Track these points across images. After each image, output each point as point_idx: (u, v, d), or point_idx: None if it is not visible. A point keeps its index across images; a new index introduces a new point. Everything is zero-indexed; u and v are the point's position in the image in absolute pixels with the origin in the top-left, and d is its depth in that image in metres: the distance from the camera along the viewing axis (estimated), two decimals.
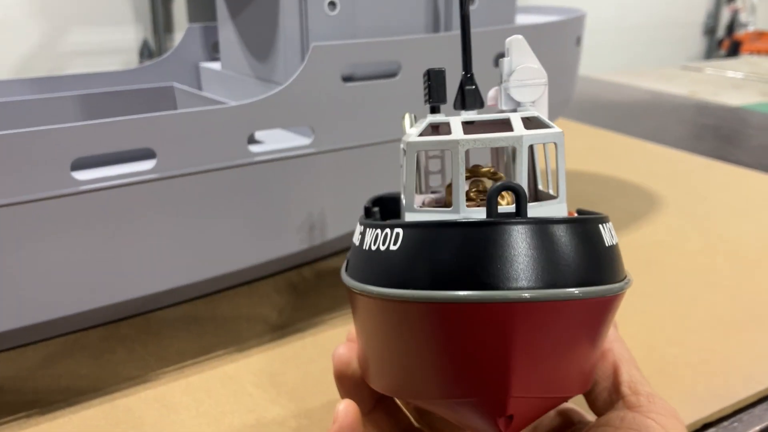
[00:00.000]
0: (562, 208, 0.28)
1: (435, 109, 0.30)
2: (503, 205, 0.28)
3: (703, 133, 1.08)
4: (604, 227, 0.25)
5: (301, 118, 0.48)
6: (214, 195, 0.45)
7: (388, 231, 0.25)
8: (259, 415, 0.40)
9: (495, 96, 0.31)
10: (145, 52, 1.95)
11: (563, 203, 0.28)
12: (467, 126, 0.28)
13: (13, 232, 0.39)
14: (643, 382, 0.28)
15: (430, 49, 0.52)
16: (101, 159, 0.43)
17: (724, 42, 2.98)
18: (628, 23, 2.84)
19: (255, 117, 0.45)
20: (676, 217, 0.69)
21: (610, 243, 0.25)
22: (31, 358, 0.45)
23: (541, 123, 0.28)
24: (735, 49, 2.75)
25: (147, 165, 0.42)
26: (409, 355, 0.25)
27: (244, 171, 0.46)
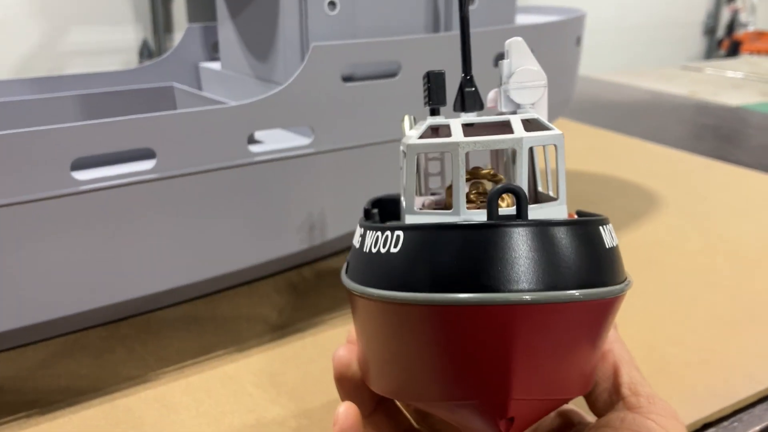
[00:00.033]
0: (563, 210, 0.28)
1: (435, 111, 0.30)
2: (503, 207, 0.28)
3: (703, 133, 1.08)
4: (605, 229, 0.25)
5: (301, 118, 0.48)
6: (214, 195, 0.45)
7: (388, 233, 0.25)
8: (259, 415, 0.40)
9: (494, 98, 0.31)
10: (145, 52, 1.95)
11: (563, 205, 0.28)
12: (467, 128, 0.28)
13: (13, 232, 0.39)
14: (643, 383, 0.28)
15: (430, 49, 0.52)
16: (101, 159, 0.43)
17: (724, 42, 2.98)
18: (628, 23, 2.84)
19: (255, 117, 0.45)
20: (676, 217, 0.69)
21: (611, 245, 0.25)
22: (31, 358, 0.45)
23: (541, 125, 0.28)
24: (735, 49, 2.74)
25: (147, 165, 0.42)
26: (409, 357, 0.25)
27: (244, 171, 0.46)
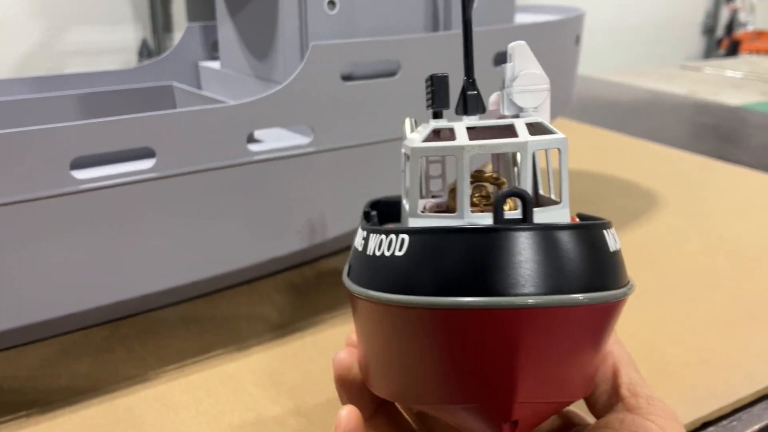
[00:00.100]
0: (565, 214, 0.28)
1: (438, 114, 0.30)
2: (506, 210, 0.28)
3: (702, 133, 1.08)
4: (608, 233, 0.25)
5: (301, 117, 0.48)
6: (214, 194, 0.45)
7: (393, 237, 0.25)
8: (258, 414, 0.40)
9: (497, 101, 0.31)
10: (145, 52, 1.95)
11: (566, 208, 0.28)
12: (470, 131, 0.28)
13: (13, 231, 0.39)
14: (643, 385, 0.28)
15: (430, 48, 0.52)
16: (101, 158, 0.43)
17: (724, 41, 2.98)
18: (628, 23, 2.84)
19: (254, 116, 0.45)
20: (676, 217, 0.69)
21: (614, 248, 0.25)
22: (31, 357, 0.45)
23: (545, 129, 0.28)
24: (734, 49, 2.74)
25: (146, 164, 0.42)
26: (413, 360, 0.25)
27: (243, 170, 0.46)
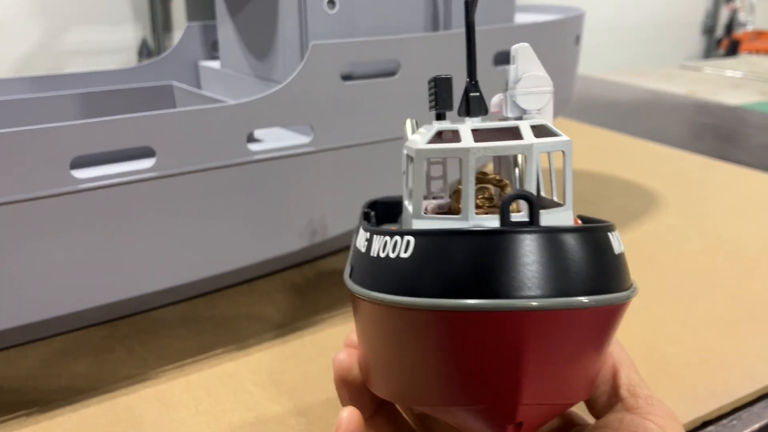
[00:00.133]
0: (569, 216, 0.28)
1: (441, 116, 0.30)
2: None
3: (702, 133, 1.08)
4: (612, 235, 0.25)
5: (301, 116, 0.48)
6: (214, 193, 0.45)
7: (398, 238, 0.25)
8: (258, 414, 0.40)
9: (499, 103, 0.31)
10: (144, 52, 1.95)
11: (569, 211, 0.28)
12: (474, 133, 0.28)
13: (13, 231, 0.39)
14: (642, 385, 0.28)
15: (430, 47, 0.52)
16: (100, 157, 0.43)
17: (723, 41, 2.98)
18: (628, 23, 2.84)
19: (254, 115, 0.45)
20: (676, 217, 0.69)
21: (618, 251, 0.25)
22: (31, 357, 0.45)
23: (550, 131, 0.28)
24: (734, 49, 2.74)
25: (146, 163, 0.42)
26: (416, 362, 0.25)
27: (243, 169, 0.46)
